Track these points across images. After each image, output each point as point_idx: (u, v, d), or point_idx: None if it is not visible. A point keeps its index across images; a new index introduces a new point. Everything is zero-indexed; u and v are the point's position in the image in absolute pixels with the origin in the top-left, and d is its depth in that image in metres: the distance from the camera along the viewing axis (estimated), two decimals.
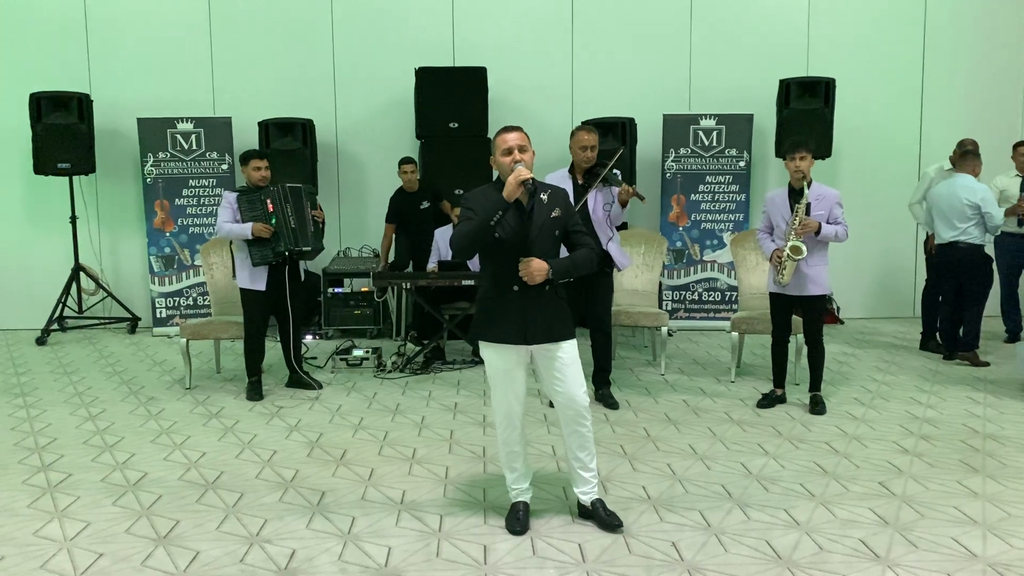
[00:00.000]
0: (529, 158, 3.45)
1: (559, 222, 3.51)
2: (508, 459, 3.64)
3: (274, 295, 5.67)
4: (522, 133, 3.49)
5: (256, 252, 5.55)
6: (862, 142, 8.33)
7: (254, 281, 5.62)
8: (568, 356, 3.50)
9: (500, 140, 3.48)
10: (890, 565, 3.24)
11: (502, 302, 3.49)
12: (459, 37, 8.24)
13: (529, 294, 3.46)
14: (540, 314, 3.47)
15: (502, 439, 3.61)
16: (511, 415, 3.56)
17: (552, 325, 3.49)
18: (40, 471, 4.34)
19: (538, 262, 3.40)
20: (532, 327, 3.46)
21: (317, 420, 5.21)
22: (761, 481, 4.11)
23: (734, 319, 6.05)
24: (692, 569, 3.22)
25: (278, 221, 5.56)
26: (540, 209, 3.49)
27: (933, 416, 5.17)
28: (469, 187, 7.31)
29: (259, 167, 5.66)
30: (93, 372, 6.51)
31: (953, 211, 6.40)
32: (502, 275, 3.49)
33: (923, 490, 3.98)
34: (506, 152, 3.45)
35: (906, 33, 8.35)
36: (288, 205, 5.62)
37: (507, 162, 3.43)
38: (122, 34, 8.13)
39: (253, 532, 3.59)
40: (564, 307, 3.56)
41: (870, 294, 8.57)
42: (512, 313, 3.47)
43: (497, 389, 3.56)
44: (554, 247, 3.52)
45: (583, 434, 3.55)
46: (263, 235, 5.52)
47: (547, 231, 3.48)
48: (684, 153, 7.95)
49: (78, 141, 7.66)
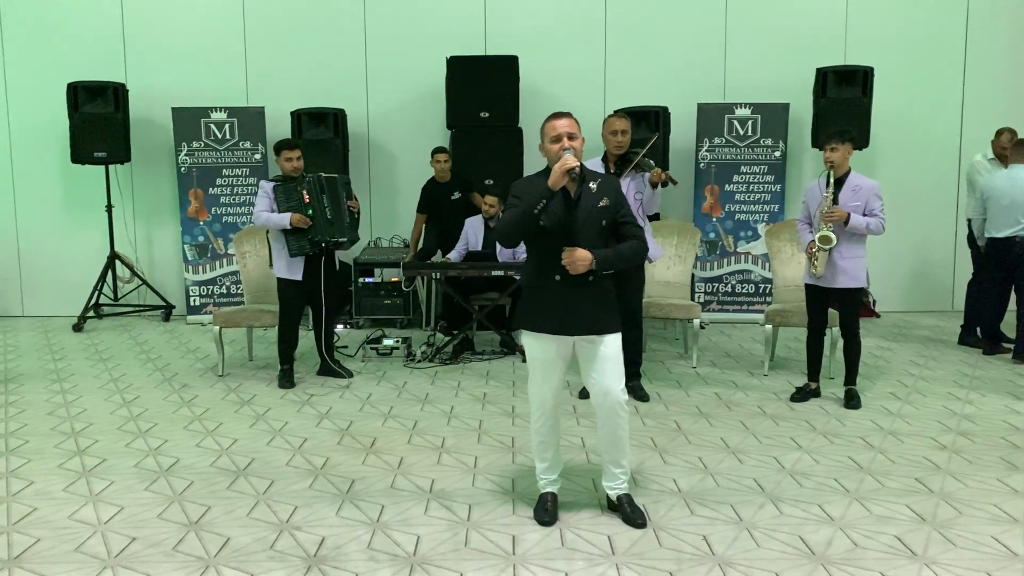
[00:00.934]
0: (579, 145, 3.39)
1: (607, 212, 3.43)
2: (539, 448, 3.61)
3: (310, 285, 5.70)
4: (572, 120, 3.42)
5: (293, 242, 5.58)
6: (900, 132, 8.16)
7: (291, 271, 5.65)
8: (609, 350, 3.44)
9: (549, 127, 3.42)
10: (927, 563, 3.17)
11: (544, 291, 3.44)
12: (491, 26, 8.20)
13: (572, 284, 3.40)
14: (582, 305, 3.41)
15: (534, 427, 3.59)
16: (545, 405, 3.52)
17: (595, 317, 3.42)
18: (76, 456, 4.40)
19: (581, 252, 3.34)
20: (573, 318, 3.41)
21: (347, 408, 5.22)
22: (794, 476, 4.05)
23: (768, 311, 5.96)
24: (723, 563, 3.18)
25: (314, 212, 5.57)
26: (588, 198, 3.42)
27: (972, 412, 5.06)
28: (500, 177, 7.42)
29: (290, 157, 5.67)
30: (128, 359, 6.60)
31: (1016, 205, 6.18)
32: (545, 264, 3.44)
33: (961, 487, 3.89)
34: (555, 139, 3.39)
35: (947, 20, 8.15)
36: (324, 195, 5.63)
37: (555, 149, 3.38)
38: (158, 24, 8.20)
39: (283, 519, 3.60)
40: (609, 299, 3.48)
41: (907, 287, 8.41)
42: (554, 303, 3.42)
43: (534, 377, 3.52)
44: (601, 237, 3.44)
45: (616, 430, 3.50)
46: (301, 226, 5.54)
47: (593, 220, 3.41)
48: (718, 143, 7.85)
49: (114, 130, 7.75)
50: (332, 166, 7.30)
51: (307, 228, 5.55)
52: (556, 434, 3.61)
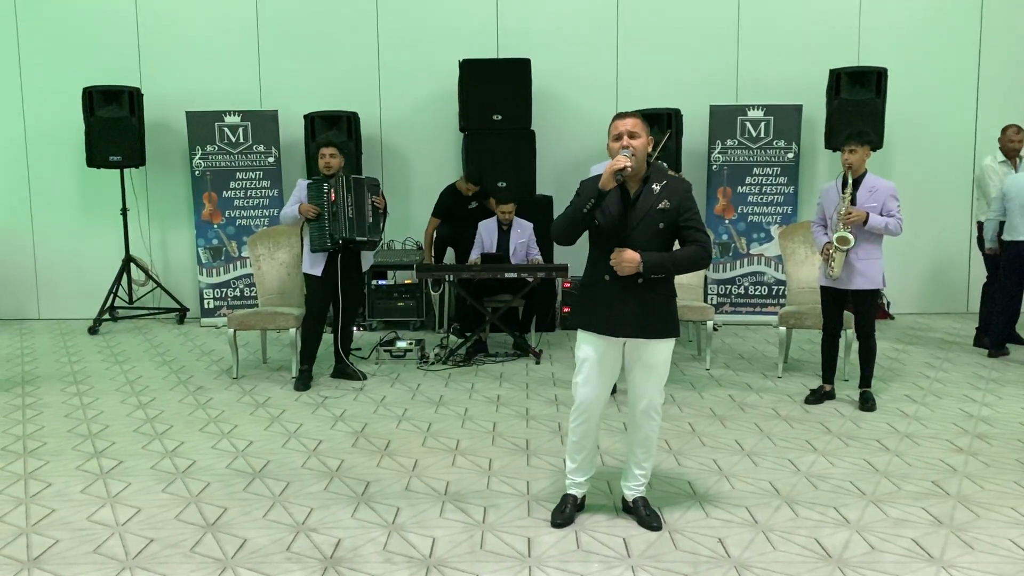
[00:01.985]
0: (640, 144, 3.35)
1: (667, 214, 3.37)
2: (572, 448, 3.58)
3: (332, 282, 5.76)
4: (637, 119, 3.39)
5: (316, 238, 5.69)
6: (915, 133, 8.13)
7: (313, 266, 5.77)
8: (656, 357, 3.41)
9: (613, 126, 3.41)
10: (945, 566, 3.15)
11: (596, 291, 3.43)
12: (503, 29, 8.21)
13: (620, 285, 3.37)
14: (631, 307, 3.37)
15: (571, 425, 3.56)
16: (586, 405, 3.49)
17: (644, 320, 3.37)
18: (93, 457, 4.43)
19: (629, 253, 3.31)
20: (621, 319, 3.37)
21: (362, 411, 5.24)
22: (810, 478, 4.04)
23: (782, 313, 5.95)
24: (739, 566, 3.17)
25: (337, 209, 5.66)
26: (647, 198, 3.38)
27: (988, 414, 5.03)
28: (513, 180, 7.44)
29: (323, 155, 5.78)
30: (143, 361, 6.64)
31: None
32: (598, 263, 3.43)
33: (979, 490, 3.87)
34: (616, 138, 3.37)
35: (961, 21, 8.11)
36: (349, 195, 5.72)
37: (615, 147, 3.37)
38: (172, 29, 8.25)
39: (299, 521, 3.62)
40: (664, 303, 3.42)
41: (922, 289, 8.37)
42: (603, 303, 3.40)
43: (580, 375, 3.49)
44: (657, 239, 3.38)
45: (648, 432, 3.50)
46: (308, 215, 5.65)
47: (650, 222, 3.36)
48: (731, 144, 7.83)
49: (129, 134, 7.80)
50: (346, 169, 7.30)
51: (327, 226, 5.63)
52: (593, 438, 3.57)
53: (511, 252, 6.76)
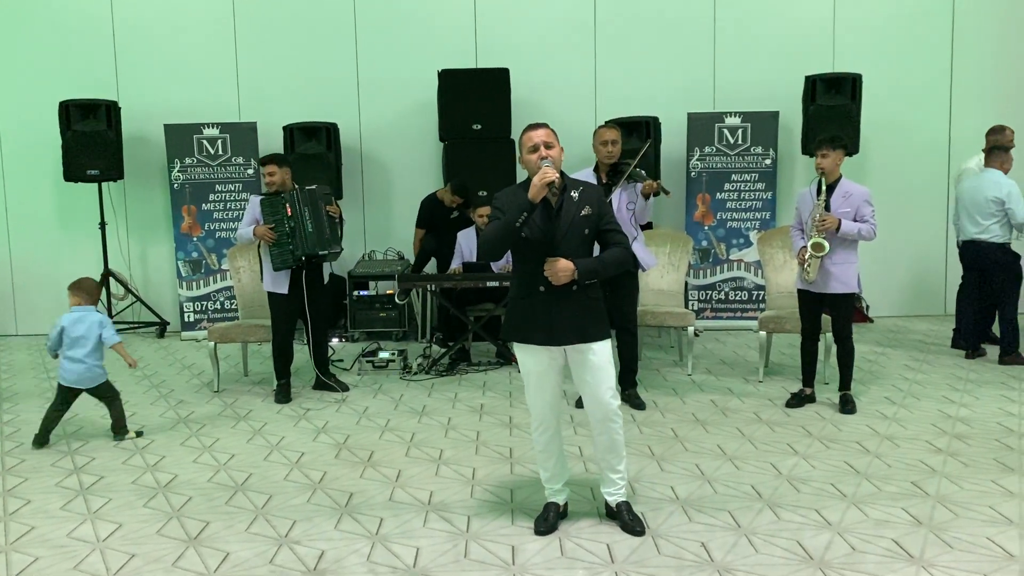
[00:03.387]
0: (556, 154, 3.40)
1: (590, 220, 3.44)
2: (541, 458, 3.63)
3: (298, 298, 5.70)
4: (548, 130, 3.44)
5: (276, 256, 5.60)
6: (890, 138, 8.22)
7: (276, 284, 5.67)
8: (599, 358, 3.44)
9: (525, 138, 3.44)
10: (925, 566, 3.19)
11: (530, 303, 3.46)
12: (481, 39, 8.24)
13: (556, 295, 3.41)
14: (568, 315, 3.41)
15: (534, 437, 3.60)
16: (543, 416, 3.53)
17: (582, 326, 3.43)
18: (73, 473, 4.39)
19: (563, 262, 3.36)
20: (560, 328, 3.41)
21: (344, 422, 5.22)
22: (791, 481, 4.07)
23: (762, 318, 5.99)
24: (723, 570, 3.19)
25: (296, 225, 5.58)
26: (569, 207, 3.43)
27: (966, 415, 5.09)
28: (493, 189, 7.42)
29: (265, 173, 5.70)
30: (123, 376, 6.57)
31: (976, 207, 6.30)
32: (529, 275, 3.46)
33: (957, 490, 3.92)
34: (532, 149, 3.41)
35: (933, 27, 8.23)
36: (307, 208, 5.63)
37: (534, 160, 3.40)
38: (149, 42, 8.22)
39: (282, 533, 3.60)
40: (596, 307, 3.49)
41: (900, 292, 8.45)
42: (539, 314, 3.43)
43: (529, 389, 3.53)
44: (584, 246, 3.45)
45: (611, 436, 3.51)
46: (265, 239, 5.58)
47: (576, 230, 3.42)
48: (709, 151, 7.90)
49: (106, 148, 7.75)
50: (325, 180, 7.32)
51: (288, 242, 5.57)
52: (557, 444, 3.61)
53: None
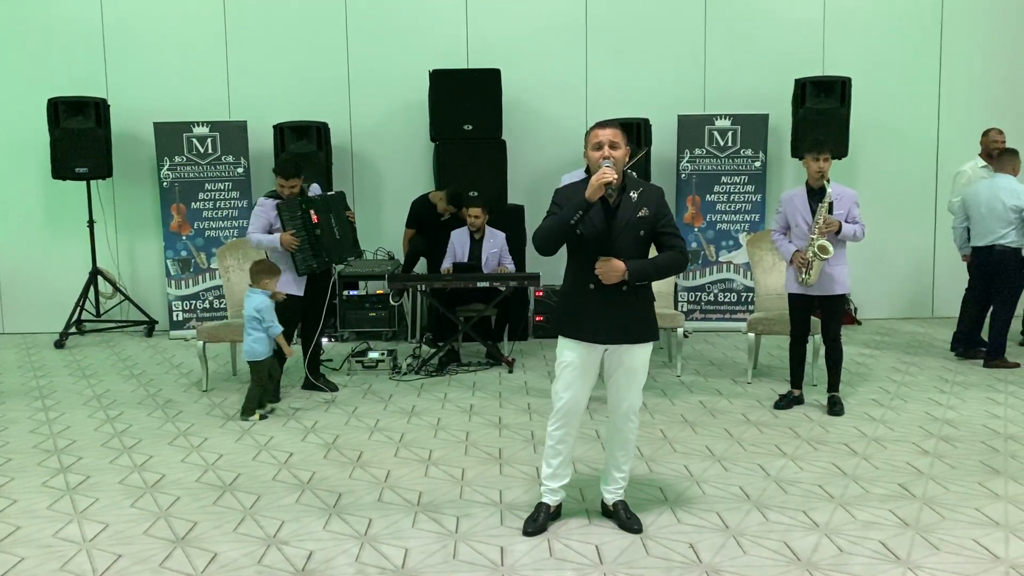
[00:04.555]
0: (620, 155, 3.40)
1: (646, 222, 3.44)
2: (549, 453, 3.61)
3: (312, 300, 5.70)
4: (617, 129, 3.44)
5: (302, 261, 5.56)
6: (879, 141, 8.26)
7: (297, 287, 5.63)
8: (637, 361, 3.48)
9: (592, 134, 3.44)
10: (911, 567, 3.20)
11: (580, 299, 3.46)
12: (473, 39, 8.24)
13: (606, 293, 3.41)
14: (616, 315, 3.42)
15: (550, 430, 3.58)
16: (567, 410, 3.52)
17: (629, 326, 3.44)
18: (59, 473, 4.37)
19: (615, 262, 3.36)
20: (607, 327, 3.42)
21: (333, 422, 5.21)
22: (779, 483, 4.08)
23: (751, 320, 6.01)
24: (711, 571, 3.20)
25: (323, 232, 5.55)
26: (626, 207, 3.43)
27: (953, 417, 5.12)
28: (484, 189, 7.45)
29: (283, 185, 5.55)
30: (111, 375, 6.55)
31: (994, 214, 6.24)
32: (582, 272, 3.46)
33: (944, 492, 3.94)
34: (596, 147, 3.40)
35: (922, 31, 8.28)
36: (331, 215, 5.61)
37: (596, 157, 3.40)
38: (139, 40, 8.18)
39: (271, 533, 3.59)
40: (646, 308, 3.51)
41: (889, 294, 8.50)
42: (589, 311, 3.44)
43: (561, 381, 3.52)
44: (638, 247, 3.44)
45: (627, 435, 3.57)
46: (291, 248, 5.51)
47: (631, 230, 3.42)
48: (699, 153, 7.92)
49: (95, 146, 7.71)
50: (316, 179, 7.26)
51: (311, 247, 5.53)
52: (569, 445, 3.60)
53: (483, 262, 6.77)
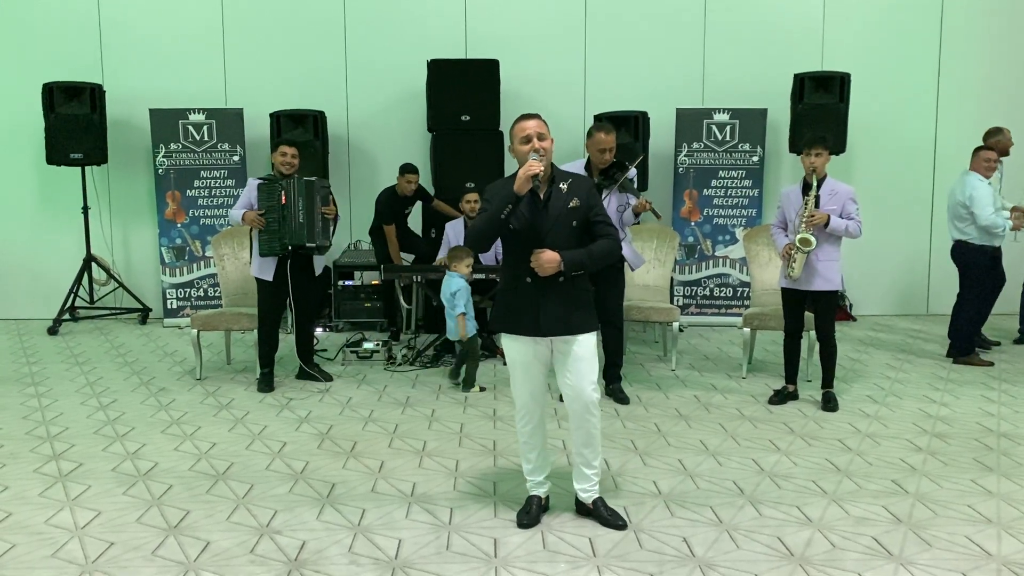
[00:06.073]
0: (548, 145, 3.40)
1: (578, 212, 3.44)
2: (524, 449, 3.63)
3: (283, 287, 5.67)
4: (540, 121, 3.44)
5: (264, 242, 5.59)
6: (877, 138, 8.25)
7: (262, 271, 5.65)
8: (583, 350, 3.45)
9: (518, 128, 3.43)
10: (904, 563, 3.21)
11: (517, 293, 3.46)
12: (471, 29, 8.21)
13: (543, 286, 3.41)
14: (555, 306, 3.41)
15: (518, 428, 3.60)
16: (527, 407, 3.54)
17: (568, 317, 3.43)
18: (51, 460, 4.35)
19: (549, 254, 3.35)
20: (546, 319, 3.41)
21: (327, 412, 5.20)
22: (773, 478, 4.09)
23: (746, 315, 6.01)
24: (704, 565, 3.20)
25: (288, 213, 5.55)
26: (557, 199, 3.43)
27: (947, 414, 5.13)
28: (481, 180, 7.40)
29: (285, 153, 5.67)
30: (104, 362, 6.53)
31: (951, 210, 6.38)
32: (517, 266, 3.45)
33: (937, 488, 3.95)
34: (524, 140, 3.40)
35: (922, 27, 8.27)
36: (301, 199, 5.60)
37: (525, 150, 3.39)
38: (135, 25, 8.12)
39: (263, 523, 3.58)
40: (584, 299, 3.49)
41: (884, 291, 8.50)
42: (527, 304, 3.43)
43: (515, 379, 3.54)
44: (572, 237, 3.44)
45: (589, 430, 3.51)
46: (254, 226, 5.58)
47: (564, 221, 3.41)
48: (697, 147, 7.90)
49: (90, 131, 7.66)
50: (312, 168, 7.25)
51: (277, 229, 5.54)
52: (540, 436, 3.61)
53: None
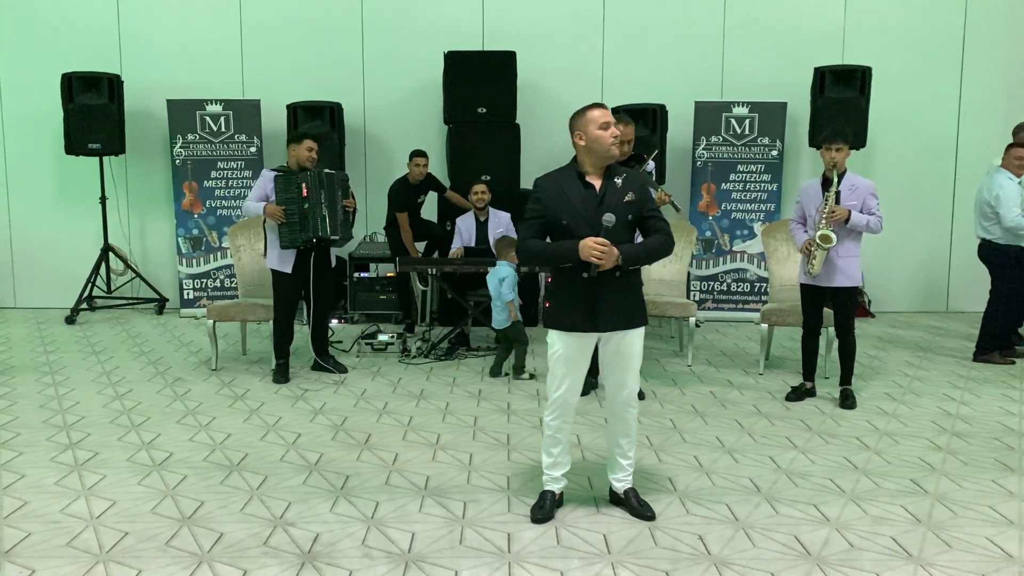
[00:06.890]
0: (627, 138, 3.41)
1: (632, 207, 3.42)
2: (548, 443, 3.61)
3: (302, 278, 5.67)
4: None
5: (286, 235, 5.57)
6: (898, 133, 8.15)
7: (282, 263, 5.63)
8: (634, 344, 3.48)
9: (598, 114, 3.38)
10: (923, 564, 3.17)
11: (574, 288, 3.42)
12: (488, 21, 8.16)
13: (599, 281, 3.38)
14: (611, 301, 3.40)
15: (547, 420, 3.58)
16: (564, 400, 3.51)
17: (624, 311, 3.43)
18: (68, 449, 4.37)
19: (613, 247, 3.32)
20: (603, 314, 3.40)
21: (342, 404, 5.20)
22: (790, 475, 4.05)
23: (764, 311, 5.96)
24: (719, 563, 3.17)
25: (310, 207, 5.54)
26: (613, 193, 3.40)
27: (967, 413, 5.06)
28: (497, 173, 7.40)
29: (311, 148, 5.67)
30: (121, 352, 6.56)
31: (977, 207, 6.27)
32: None
33: (957, 488, 3.89)
34: (605, 126, 3.37)
35: (945, 21, 8.15)
36: (323, 191, 5.59)
37: (606, 135, 3.36)
38: (153, 16, 8.14)
39: (277, 515, 3.58)
40: (639, 293, 3.50)
41: (904, 287, 8.41)
42: (583, 300, 3.41)
43: (557, 374, 3.50)
44: (626, 232, 3.43)
45: (629, 421, 3.55)
46: (275, 219, 5.54)
47: (619, 216, 3.38)
48: (715, 141, 7.84)
49: (109, 122, 7.69)
50: (328, 160, 7.25)
51: (299, 222, 5.53)
52: (567, 432, 3.59)
53: (490, 244, 6.73)
